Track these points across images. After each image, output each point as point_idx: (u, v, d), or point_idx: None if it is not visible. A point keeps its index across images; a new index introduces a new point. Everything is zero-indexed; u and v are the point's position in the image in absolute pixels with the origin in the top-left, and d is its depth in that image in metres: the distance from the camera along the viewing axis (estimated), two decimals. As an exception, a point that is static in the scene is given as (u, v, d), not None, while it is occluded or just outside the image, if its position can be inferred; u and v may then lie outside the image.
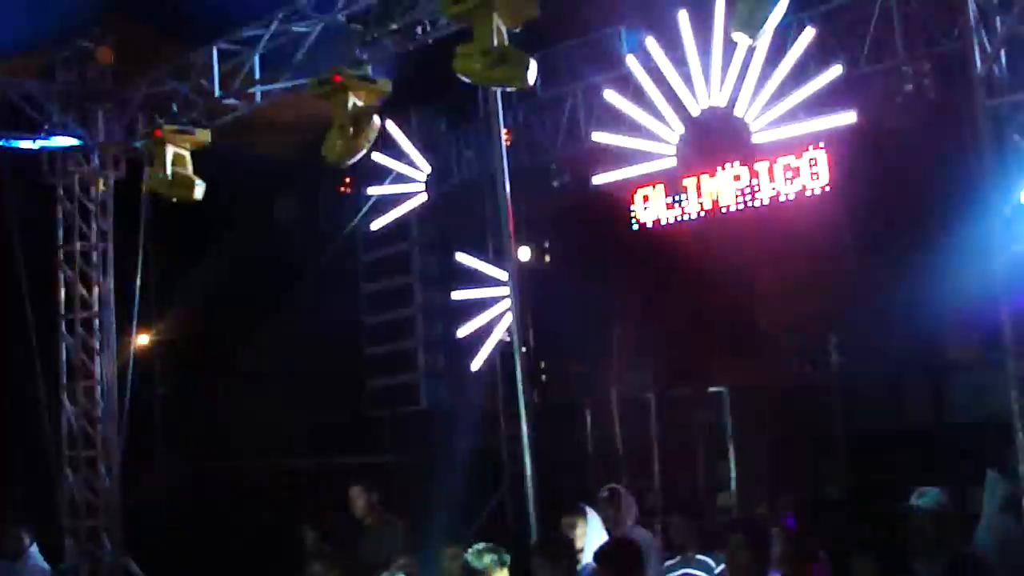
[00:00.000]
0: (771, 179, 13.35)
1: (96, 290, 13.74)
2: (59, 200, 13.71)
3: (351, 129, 10.09)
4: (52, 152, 13.55)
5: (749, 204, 13.53)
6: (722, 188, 13.78)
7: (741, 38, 8.25)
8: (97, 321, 13.70)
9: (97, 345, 13.68)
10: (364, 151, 10.41)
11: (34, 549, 11.26)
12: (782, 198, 13.30)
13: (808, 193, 13.08)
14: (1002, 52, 8.20)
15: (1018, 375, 7.79)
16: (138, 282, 13.27)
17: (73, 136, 13.37)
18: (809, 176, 13.06)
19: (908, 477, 10.28)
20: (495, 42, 8.74)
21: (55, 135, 13.27)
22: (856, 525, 11.30)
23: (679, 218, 14.17)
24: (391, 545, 11.08)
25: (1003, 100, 8.17)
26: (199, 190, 11.65)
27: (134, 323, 13.43)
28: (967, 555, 7.64)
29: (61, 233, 13.72)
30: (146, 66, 12.93)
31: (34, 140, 13.10)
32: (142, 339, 14.08)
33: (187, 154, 11.67)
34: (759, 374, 14.02)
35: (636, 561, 7.12)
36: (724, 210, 13.74)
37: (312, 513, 12.28)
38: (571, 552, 8.60)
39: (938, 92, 11.67)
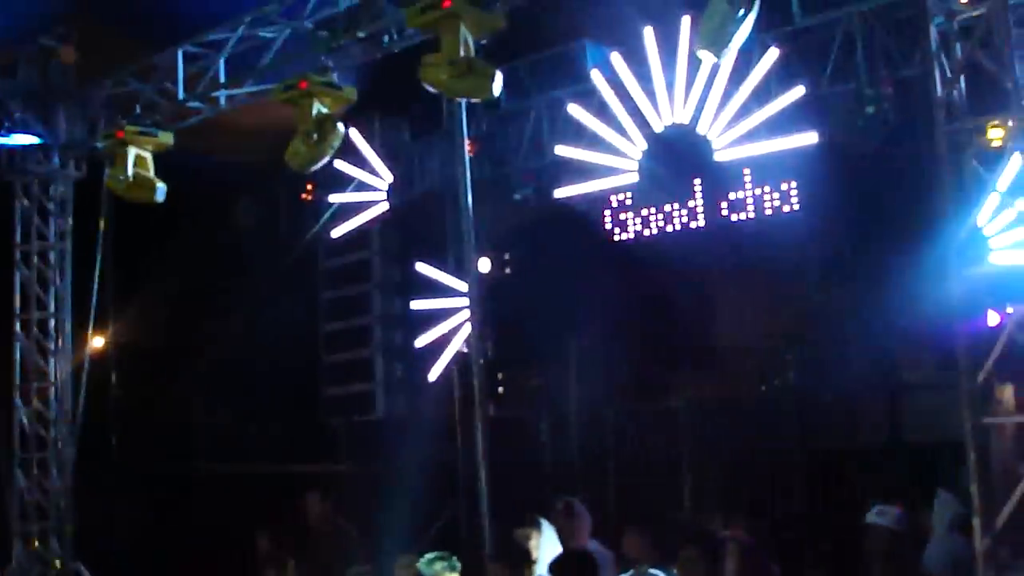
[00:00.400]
0: (732, 197, 13.44)
1: (52, 290, 13.62)
2: (17, 198, 13.59)
3: (315, 136, 10.08)
4: (11, 150, 13.43)
5: (710, 222, 13.61)
6: (684, 205, 13.85)
7: (706, 56, 8.32)
8: (53, 322, 13.58)
9: (52, 346, 13.56)
10: (327, 158, 10.41)
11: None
12: (743, 216, 13.40)
13: (769, 212, 13.18)
14: (962, 77, 8.31)
15: (970, 396, 7.88)
16: (95, 284, 13.17)
17: (34, 134, 13.26)
18: (770, 195, 13.16)
19: (862, 495, 10.35)
20: (461, 53, 8.77)
21: (16, 133, 13.15)
22: (811, 541, 11.36)
23: (640, 233, 14.23)
24: (344, 553, 11.05)
25: (962, 125, 8.27)
26: (160, 192, 11.60)
27: (90, 325, 13.32)
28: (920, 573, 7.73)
29: (19, 232, 13.59)
30: (110, 66, 12.86)
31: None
32: (97, 341, 13.95)
33: (149, 156, 11.62)
34: (717, 390, 14.10)
35: (591, 573, 7.13)
36: (685, 227, 13.81)
37: (266, 520, 12.23)
38: (528, 560, 8.61)
39: (898, 115, 11.81)
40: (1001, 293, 7.97)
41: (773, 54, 12.54)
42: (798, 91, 12.49)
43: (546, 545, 9.08)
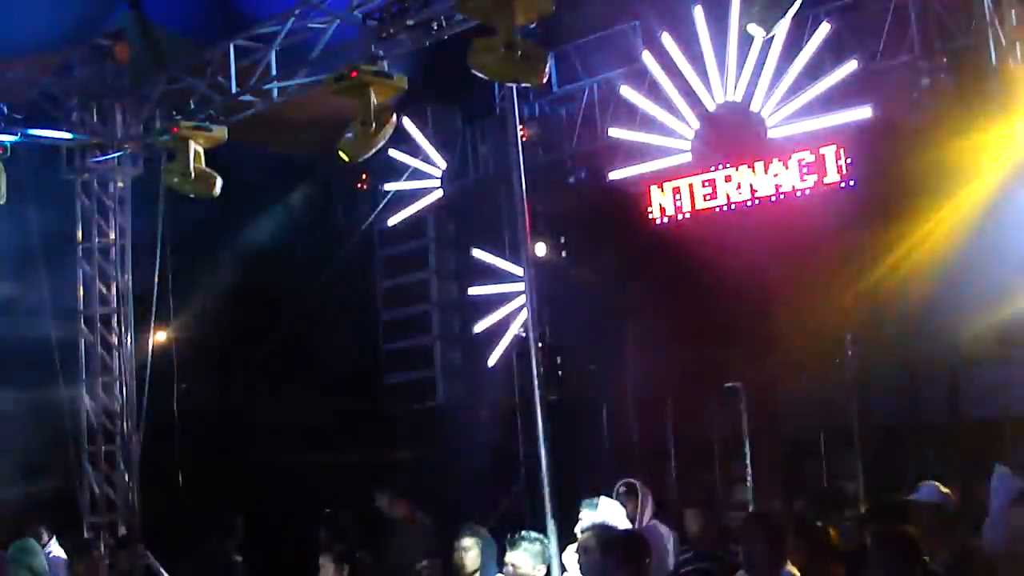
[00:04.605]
0: (787, 174, 13.34)
1: (115, 286, 13.83)
2: (77, 196, 13.80)
3: (367, 125, 10.14)
4: (71, 149, 13.64)
5: (765, 200, 13.52)
6: (738, 183, 13.76)
7: (756, 31, 8.25)
8: (116, 317, 13.80)
9: (116, 341, 13.78)
10: (380, 147, 10.47)
11: (54, 542, 11.34)
12: (798, 194, 13.29)
13: (824, 188, 13.07)
14: (1017, 45, 8.21)
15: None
16: (156, 278, 13.34)
17: (91, 133, 13.46)
18: (825, 171, 13.05)
19: (924, 473, 10.26)
20: (511, 37, 8.76)
21: (73, 132, 13.35)
22: (873, 518, 11.25)
23: (695, 214, 14.16)
24: (418, 541, 11.19)
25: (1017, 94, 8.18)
26: (217, 186, 11.74)
27: (152, 319, 13.49)
28: (970, 548, 7.67)
29: (80, 229, 13.80)
30: (163, 63, 13.00)
31: (52, 139, 13.17)
32: (160, 335, 14.12)
33: (202, 150, 11.75)
34: (775, 370, 14.00)
35: (641, 554, 7.09)
36: (740, 205, 13.73)
37: (328, 508, 12.38)
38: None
39: (954, 86, 11.64)
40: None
41: (825, 29, 12.44)
42: (851, 65, 12.37)
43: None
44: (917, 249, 12.77)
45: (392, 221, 17.26)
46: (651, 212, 14.50)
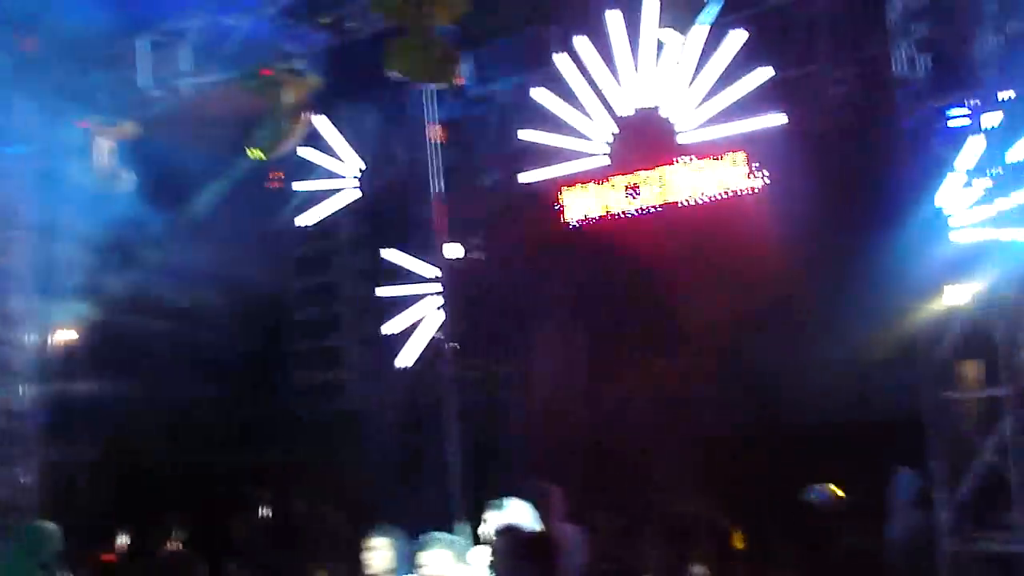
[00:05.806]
0: (698, 179, 13.48)
1: (18, 283, 13.53)
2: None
3: (279, 123, 10.07)
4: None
5: (676, 203, 13.65)
6: (649, 187, 13.88)
7: (669, 36, 8.31)
8: (17, 314, 13.50)
9: (16, 340, 13.47)
10: (292, 146, 10.41)
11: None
12: (709, 198, 13.44)
13: (735, 193, 13.23)
14: (923, 58, 8.36)
15: (930, 374, 7.96)
16: (61, 274, 13.09)
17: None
18: (736, 176, 13.21)
19: (828, 472, 10.45)
20: (425, 38, 8.75)
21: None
22: (779, 518, 11.44)
23: (606, 217, 14.26)
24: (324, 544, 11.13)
25: (923, 104, 8.33)
26: (129, 182, 11.57)
27: (55, 318, 13.24)
28: (855, 550, 7.87)
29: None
30: (73, 56, 12.76)
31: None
32: (63, 334, 13.87)
33: (113, 146, 11.58)
34: (683, 372, 14.14)
35: (549, 556, 7.12)
36: (650, 209, 13.85)
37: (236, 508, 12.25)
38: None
39: (863, 96, 11.86)
40: (961, 271, 8.06)
41: (739, 36, 12.57)
42: (764, 73, 12.53)
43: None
44: (824, 252, 12.99)
45: (304, 221, 17.13)
46: (564, 214, 14.58)
